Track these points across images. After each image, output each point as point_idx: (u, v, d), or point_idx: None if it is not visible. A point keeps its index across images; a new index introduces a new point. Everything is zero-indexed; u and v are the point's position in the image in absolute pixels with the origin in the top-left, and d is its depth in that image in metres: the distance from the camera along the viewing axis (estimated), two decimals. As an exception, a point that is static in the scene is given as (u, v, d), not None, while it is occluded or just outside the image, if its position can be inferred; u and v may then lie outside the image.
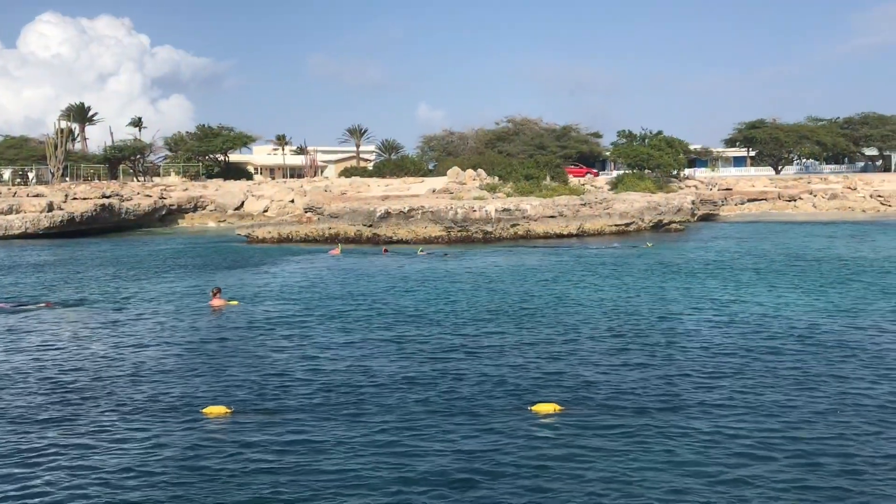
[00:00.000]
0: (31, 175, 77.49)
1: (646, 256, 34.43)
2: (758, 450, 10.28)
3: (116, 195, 61.80)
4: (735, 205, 68.04)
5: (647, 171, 67.95)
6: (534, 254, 36.39)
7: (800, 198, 68.73)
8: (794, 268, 29.41)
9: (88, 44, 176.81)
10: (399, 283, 26.18)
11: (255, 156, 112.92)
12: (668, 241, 42.01)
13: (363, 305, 21.88)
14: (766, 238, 43.14)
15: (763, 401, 12.32)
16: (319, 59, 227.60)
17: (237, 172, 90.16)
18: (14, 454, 10.70)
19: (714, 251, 36.34)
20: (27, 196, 57.40)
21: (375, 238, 45.53)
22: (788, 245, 38.76)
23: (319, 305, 22.04)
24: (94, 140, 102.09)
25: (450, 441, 10.78)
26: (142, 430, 11.52)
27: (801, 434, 10.84)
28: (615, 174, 66.93)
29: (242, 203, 66.59)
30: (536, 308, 21.13)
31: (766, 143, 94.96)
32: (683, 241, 42.07)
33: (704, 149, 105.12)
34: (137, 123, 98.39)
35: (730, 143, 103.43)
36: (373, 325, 18.91)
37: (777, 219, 60.36)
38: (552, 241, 43.42)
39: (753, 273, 28.04)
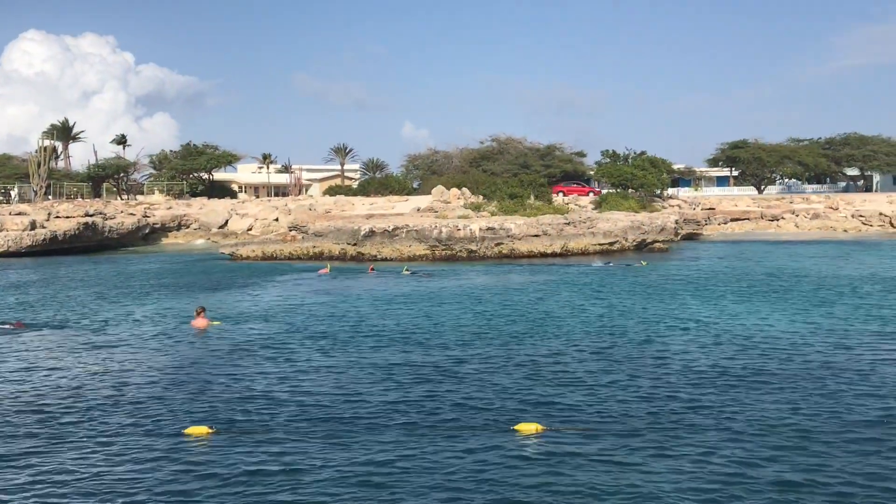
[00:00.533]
0: (14, 193, 77.17)
1: (638, 275, 34.56)
2: (740, 470, 10.33)
3: (100, 214, 61.52)
4: (718, 224, 68.46)
5: (631, 191, 68.25)
6: (521, 273, 36.46)
7: (782, 217, 69.25)
8: (778, 287, 29.59)
9: (72, 61, 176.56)
10: (383, 304, 26.16)
11: (240, 174, 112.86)
12: (653, 261, 42.17)
13: (347, 326, 21.83)
14: (750, 258, 43.40)
15: (745, 422, 12.37)
16: (304, 78, 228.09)
17: (221, 191, 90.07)
18: (-7, 476, 10.62)
19: (698, 271, 36.53)
20: (9, 214, 57.05)
21: (360, 256, 45.55)
22: (772, 265, 39.00)
23: (303, 326, 21.99)
24: (78, 158, 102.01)
25: (432, 461, 10.78)
26: (123, 453, 11.45)
27: (784, 454, 10.91)
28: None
29: (226, 221, 66.46)
30: (521, 329, 21.16)
31: (749, 163, 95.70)
32: (668, 261, 42.26)
33: (688, 168, 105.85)
34: (121, 141, 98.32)
35: (713, 163, 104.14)
36: (356, 347, 18.87)
37: (760, 238, 60.75)
38: (544, 261, 43.48)
39: (737, 293, 28.19)
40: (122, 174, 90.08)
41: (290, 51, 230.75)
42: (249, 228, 64.64)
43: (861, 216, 66.80)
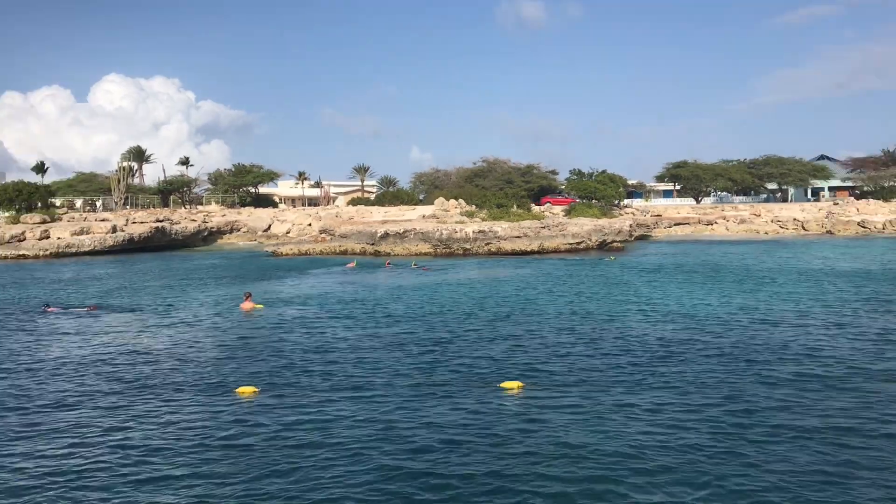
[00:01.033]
0: (99, 204, 77.10)
1: (603, 267, 34.56)
2: (683, 417, 10.35)
3: (168, 220, 61.43)
4: (664, 228, 68.27)
5: (595, 201, 68.24)
6: (506, 267, 36.45)
7: (716, 222, 69.12)
8: (713, 276, 29.55)
9: (145, 99, 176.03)
10: (396, 291, 26.12)
11: (280, 188, 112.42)
12: (617, 256, 42.11)
13: (366, 308, 21.80)
14: (690, 254, 43.36)
15: (686, 380, 12.39)
16: (330, 113, 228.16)
17: (265, 202, 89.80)
18: (76, 430, 10.64)
19: (650, 263, 36.47)
20: (95, 220, 57.00)
21: (377, 254, 45.50)
22: (708, 259, 38.95)
23: (331, 308, 21.97)
24: (150, 176, 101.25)
25: (435, 412, 10.80)
26: (186, 407, 11.48)
27: (717, 404, 10.93)
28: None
29: (269, 226, 66.28)
30: (506, 310, 21.16)
31: (689, 179, 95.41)
32: (625, 256, 42.21)
33: (639, 183, 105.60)
34: (185, 162, 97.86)
35: (659, 179, 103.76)
36: (374, 324, 18.86)
37: (698, 239, 60.69)
38: (530, 256, 43.46)
39: (680, 280, 28.13)
40: (186, 188, 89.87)
41: (320, 90, 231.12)
42: (288, 231, 64.46)
43: (779, 221, 66.70)
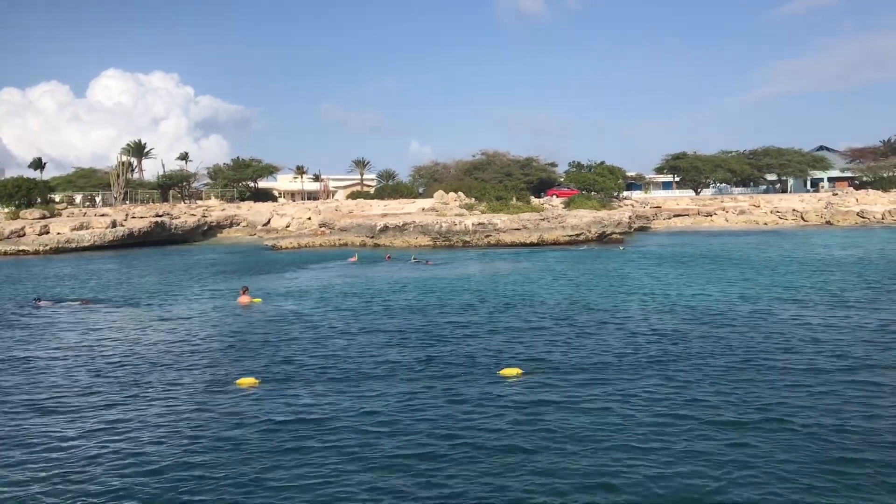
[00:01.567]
0: (98, 199, 77.08)
1: (604, 259, 34.63)
2: (681, 408, 10.48)
3: (167, 214, 61.52)
4: (663, 219, 68.33)
5: (594, 193, 68.31)
6: (505, 259, 36.52)
7: (715, 213, 69.17)
8: (713, 267, 29.64)
9: (144, 94, 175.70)
10: (395, 284, 26.18)
11: (279, 182, 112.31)
12: (612, 247, 42.24)
13: (365, 301, 21.80)
14: (690, 245, 43.46)
15: (686, 369, 12.51)
16: (329, 107, 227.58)
17: (265, 196, 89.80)
18: (72, 425, 10.76)
19: (649, 255, 36.56)
20: (95, 216, 57.08)
21: (377, 247, 45.58)
22: (708, 250, 39.06)
23: (329, 301, 22.01)
24: (149, 171, 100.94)
25: (436, 399, 10.92)
26: (186, 400, 11.59)
27: (717, 394, 11.05)
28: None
29: (269, 220, 66.29)
30: (508, 301, 21.25)
31: (688, 171, 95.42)
32: (626, 247, 42.28)
33: (639, 175, 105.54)
34: (184, 157, 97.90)
35: (659, 171, 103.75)
36: (372, 317, 18.92)
37: (697, 230, 60.78)
38: (530, 248, 43.54)
39: (681, 271, 28.23)
40: (185, 183, 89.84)
41: (318, 84, 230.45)
42: (287, 225, 64.49)
43: (778, 212, 66.77)
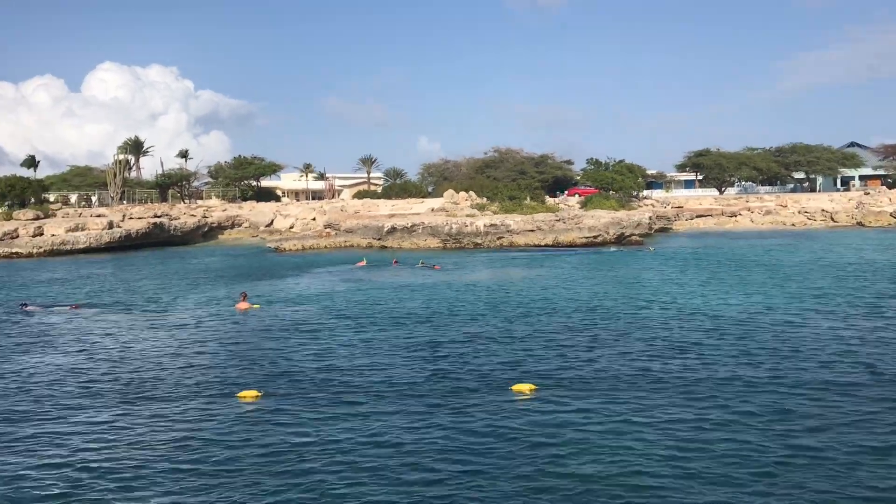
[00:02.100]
0: (95, 199, 77.42)
1: (624, 263, 34.39)
2: (703, 423, 10.27)
3: (166, 215, 61.73)
4: (686, 220, 67.97)
5: (612, 192, 68.01)
6: (519, 261, 36.32)
7: (740, 214, 68.74)
8: (739, 271, 29.33)
9: (142, 88, 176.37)
10: (402, 291, 25.97)
11: (283, 181, 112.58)
12: (636, 250, 41.97)
13: (369, 309, 21.62)
14: (714, 248, 43.14)
15: (710, 383, 12.29)
16: (334, 102, 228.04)
17: (267, 195, 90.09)
18: (74, 434, 10.66)
19: (670, 259, 36.28)
20: (91, 216, 57.32)
21: (384, 249, 45.51)
22: (733, 253, 38.74)
23: (332, 309, 21.85)
24: (147, 169, 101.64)
25: (444, 418, 10.75)
26: (185, 413, 11.47)
27: (737, 410, 10.82)
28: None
29: (272, 221, 66.40)
30: (522, 310, 21.06)
31: (712, 169, 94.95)
32: (642, 250, 42.03)
33: (660, 173, 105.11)
34: (184, 155, 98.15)
35: (681, 168, 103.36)
36: (378, 326, 18.71)
37: (721, 231, 60.41)
38: (545, 251, 43.32)
39: (704, 277, 27.92)
40: (185, 182, 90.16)
41: (323, 78, 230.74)
42: (291, 226, 64.55)
43: (806, 212, 66.27)
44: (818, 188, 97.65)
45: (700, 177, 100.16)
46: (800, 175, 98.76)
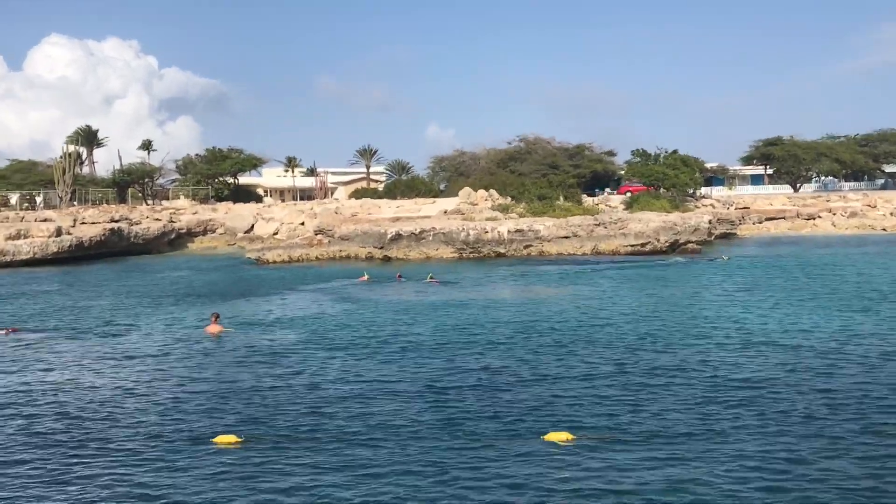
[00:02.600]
0: (39, 199, 78.03)
1: (686, 280, 34.22)
2: (772, 478, 10.13)
3: (125, 219, 62.11)
4: (753, 224, 67.71)
5: (663, 190, 67.85)
6: (551, 276, 36.19)
7: (819, 216, 68.38)
8: (818, 290, 29.05)
9: (95, 66, 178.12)
10: (407, 313, 25.85)
11: (265, 178, 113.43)
12: (693, 260, 41.77)
13: (370, 335, 21.57)
14: (788, 258, 42.84)
15: (783, 429, 12.15)
16: (326, 81, 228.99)
17: (247, 195, 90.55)
18: (4, 491, 10.64)
19: (735, 273, 36.04)
20: (35, 221, 57.71)
21: (386, 260, 45.55)
22: (811, 265, 38.42)
23: (324, 335, 21.79)
24: (102, 163, 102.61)
25: (458, 474, 10.66)
26: (153, 462, 11.43)
27: (827, 470, 10.67)
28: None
29: (252, 226, 66.74)
30: (555, 338, 20.95)
31: (784, 161, 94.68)
32: (714, 259, 41.83)
33: (721, 167, 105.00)
34: (147, 146, 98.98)
35: (747, 161, 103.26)
36: (379, 357, 18.65)
37: (796, 237, 60.08)
38: (582, 262, 43.17)
39: (778, 297, 27.61)
40: (148, 179, 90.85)
41: (313, 53, 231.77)
42: (275, 233, 64.81)
43: (901, 214, 65.89)
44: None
45: (770, 171, 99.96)
46: (893, 168, 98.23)
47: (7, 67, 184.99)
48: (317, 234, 52.92)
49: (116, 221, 60.38)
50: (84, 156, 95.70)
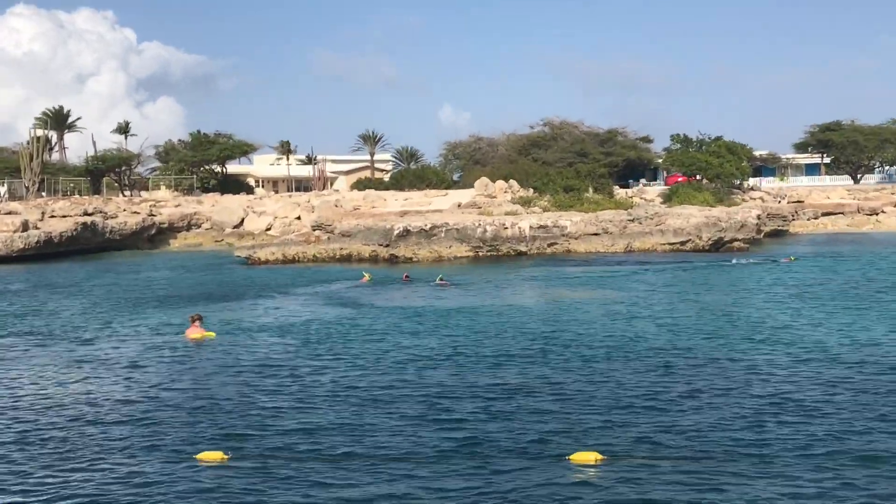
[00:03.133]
0: (3, 190, 78.39)
1: (735, 279, 34.14)
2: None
3: (100, 212, 62.35)
4: (807, 219, 67.53)
5: (705, 182, 67.69)
6: (578, 278, 36.15)
7: (883, 211, 68.11)
8: (885, 295, 28.92)
9: (66, 40, 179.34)
10: (414, 318, 25.83)
11: (257, 166, 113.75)
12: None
13: (369, 344, 21.60)
14: (849, 259, 42.66)
15: (843, 449, 12.09)
16: (324, 56, 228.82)
17: (236, 186, 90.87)
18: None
19: (788, 277, 35.89)
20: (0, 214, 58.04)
21: (393, 260, 45.57)
22: (877, 267, 38.25)
23: (320, 343, 21.87)
24: (74, 149, 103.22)
25: (473, 495, 10.64)
26: (132, 479, 11.44)
27: (881, 491, 10.62)
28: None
29: (242, 220, 66.98)
30: (583, 348, 20.92)
31: (844, 148, 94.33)
32: (777, 260, 41.69)
33: (771, 155, 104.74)
34: (124, 130, 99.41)
35: (801, 149, 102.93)
36: (382, 369, 18.63)
37: (857, 235, 59.80)
38: (614, 262, 43.09)
39: (837, 304, 27.46)
40: (125, 167, 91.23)
41: (309, 24, 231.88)
42: (268, 228, 65.08)
43: (978, 209, 65.60)
44: None
45: (827, 160, 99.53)
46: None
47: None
48: (314, 230, 53.07)
49: (90, 215, 60.63)
50: (53, 141, 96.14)
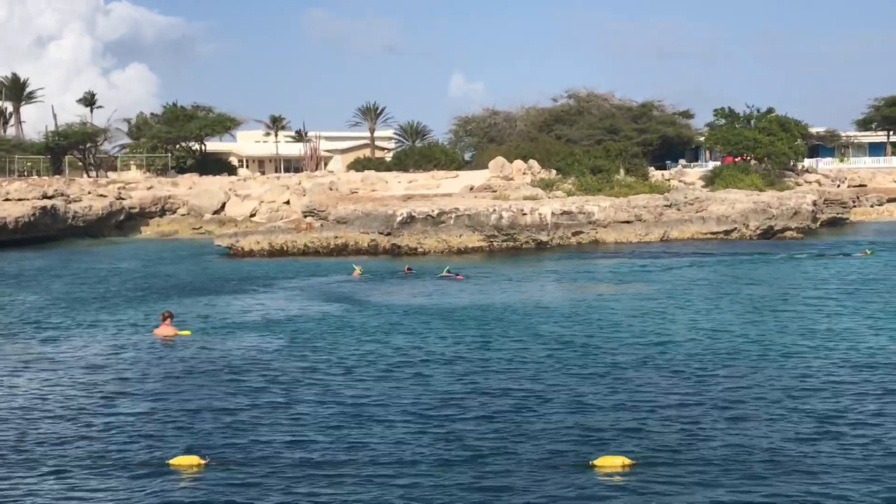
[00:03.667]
0: (-48, 170, 78.69)
1: (787, 273, 34.13)
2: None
3: (61, 195, 62.39)
4: (870, 206, 67.37)
5: (754, 163, 67.54)
6: (607, 271, 36.15)
7: (958, 197, 68.03)
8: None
9: None
10: (418, 316, 25.95)
11: (240, 144, 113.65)
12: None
13: (365, 343, 21.76)
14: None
15: (873, 466, 12.15)
16: (319, 17, 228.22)
17: (216, 166, 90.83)
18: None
19: (847, 272, 35.72)
20: (-54, 196, 58.25)
21: (395, 249, 45.55)
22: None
23: (308, 342, 22.07)
24: (32, 123, 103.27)
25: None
26: (101, 488, 11.57)
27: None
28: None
29: (223, 205, 66.95)
30: (609, 348, 20.99)
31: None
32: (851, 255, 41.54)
33: (830, 132, 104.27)
34: (89, 101, 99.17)
35: (864, 125, 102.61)
36: (379, 370, 18.81)
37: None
38: (647, 253, 43.07)
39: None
40: (90, 144, 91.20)
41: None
42: (253, 214, 65.07)
43: None
44: None
45: (894, 138, 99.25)
46: None
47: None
48: (306, 217, 53.07)
49: (49, 198, 60.68)
50: (8, 113, 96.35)
